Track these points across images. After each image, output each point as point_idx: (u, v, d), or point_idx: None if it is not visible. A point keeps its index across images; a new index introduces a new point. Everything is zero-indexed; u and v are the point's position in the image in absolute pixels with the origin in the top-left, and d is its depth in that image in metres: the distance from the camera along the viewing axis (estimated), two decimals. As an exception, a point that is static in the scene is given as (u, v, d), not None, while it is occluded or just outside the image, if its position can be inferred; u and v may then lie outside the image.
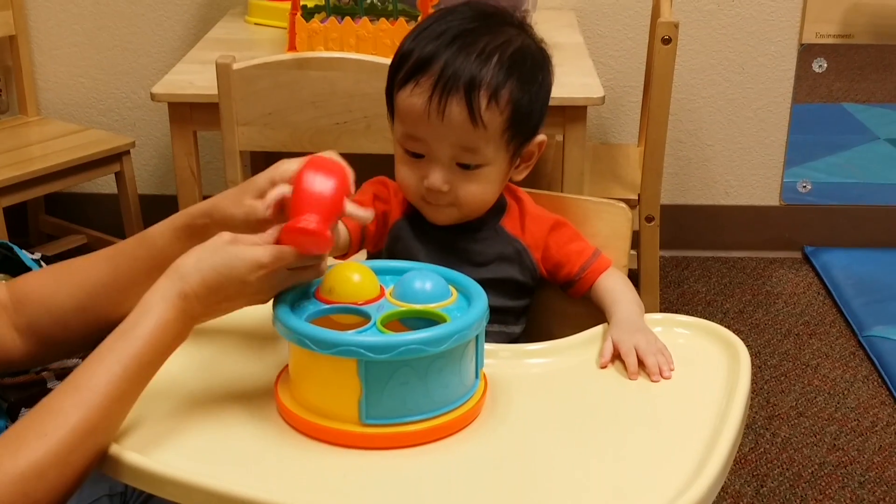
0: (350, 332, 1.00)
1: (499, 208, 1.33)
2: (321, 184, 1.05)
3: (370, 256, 1.36)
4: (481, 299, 1.06)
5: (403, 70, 1.24)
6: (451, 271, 1.11)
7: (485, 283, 1.10)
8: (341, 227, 1.21)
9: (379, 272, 1.11)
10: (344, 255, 1.29)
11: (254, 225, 1.09)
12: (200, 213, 1.13)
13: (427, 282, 1.07)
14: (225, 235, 1.04)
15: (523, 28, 1.28)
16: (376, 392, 0.99)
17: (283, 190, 1.08)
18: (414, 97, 1.22)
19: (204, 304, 1.02)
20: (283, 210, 1.08)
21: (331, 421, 1.01)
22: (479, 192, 1.26)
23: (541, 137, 1.30)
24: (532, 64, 1.25)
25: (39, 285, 1.19)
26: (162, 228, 1.15)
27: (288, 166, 1.11)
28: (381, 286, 1.08)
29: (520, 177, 1.32)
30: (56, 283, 1.18)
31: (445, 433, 1.03)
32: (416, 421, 1.01)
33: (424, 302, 1.05)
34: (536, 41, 1.28)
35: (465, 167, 1.24)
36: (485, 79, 1.20)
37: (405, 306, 1.05)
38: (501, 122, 1.22)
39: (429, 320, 1.04)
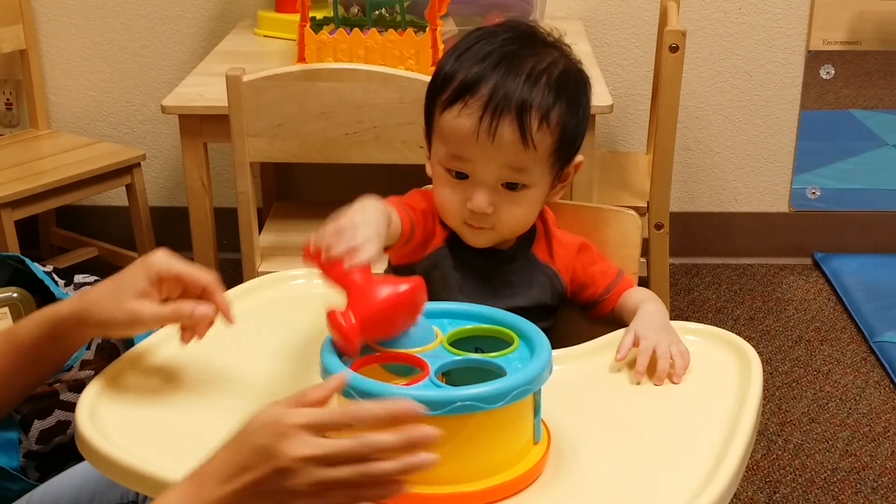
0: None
1: (529, 234, 1.33)
2: (393, 309, 0.99)
3: (396, 271, 1.32)
4: (544, 348, 1.01)
5: (448, 91, 1.22)
6: (508, 314, 1.07)
7: (518, 311, 1.08)
8: (395, 218, 1.19)
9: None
10: (388, 248, 1.25)
11: (137, 327, 1.06)
12: (72, 316, 1.07)
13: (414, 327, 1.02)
14: None
15: (561, 49, 1.28)
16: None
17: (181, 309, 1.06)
18: (463, 118, 1.20)
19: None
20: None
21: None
22: (521, 214, 1.26)
23: (578, 158, 1.30)
24: (576, 86, 1.26)
25: None
26: (30, 326, 1.10)
27: (159, 260, 1.07)
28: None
29: (556, 198, 1.32)
30: None
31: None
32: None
33: (408, 347, 1.01)
34: (575, 62, 1.28)
35: (510, 188, 1.23)
36: (535, 100, 1.20)
37: (460, 353, 1.02)
38: (550, 144, 1.23)
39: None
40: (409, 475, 0.84)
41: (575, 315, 1.38)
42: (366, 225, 1.05)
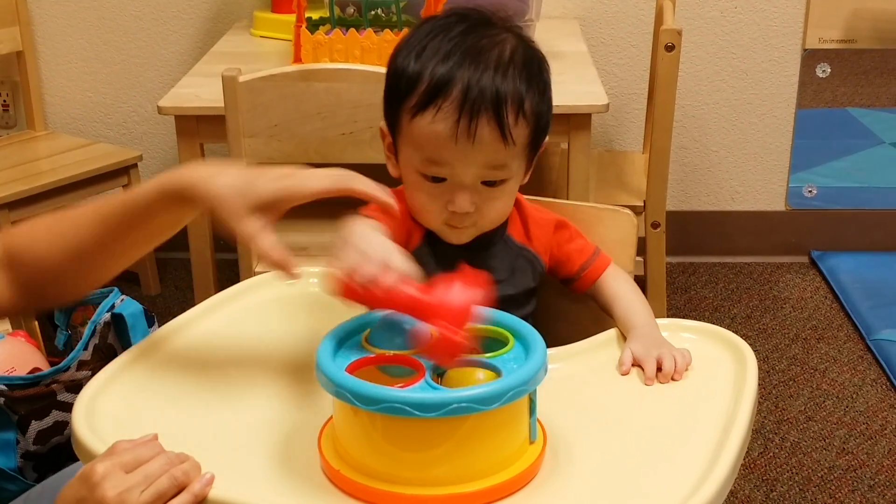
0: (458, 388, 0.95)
1: None
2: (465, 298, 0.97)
3: None
4: (539, 348, 1.00)
5: (416, 95, 1.17)
6: (503, 314, 1.06)
7: (507, 300, 1.07)
8: (376, 225, 1.13)
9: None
10: None
11: (248, 244, 1.04)
12: (192, 192, 1.06)
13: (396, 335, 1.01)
14: None
15: (513, 30, 1.24)
16: None
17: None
18: (438, 123, 1.16)
19: None
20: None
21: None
22: (502, 207, 1.25)
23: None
24: (539, 69, 1.23)
25: (33, 242, 1.17)
26: (147, 196, 1.09)
27: (300, 183, 1.04)
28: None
29: (525, 180, 1.31)
30: (50, 241, 1.16)
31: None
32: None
33: (404, 348, 1.01)
34: (529, 41, 1.25)
35: (489, 184, 1.21)
36: (509, 93, 1.17)
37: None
38: (527, 136, 1.21)
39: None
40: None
41: (555, 296, 1.38)
42: (375, 235, 1.01)
